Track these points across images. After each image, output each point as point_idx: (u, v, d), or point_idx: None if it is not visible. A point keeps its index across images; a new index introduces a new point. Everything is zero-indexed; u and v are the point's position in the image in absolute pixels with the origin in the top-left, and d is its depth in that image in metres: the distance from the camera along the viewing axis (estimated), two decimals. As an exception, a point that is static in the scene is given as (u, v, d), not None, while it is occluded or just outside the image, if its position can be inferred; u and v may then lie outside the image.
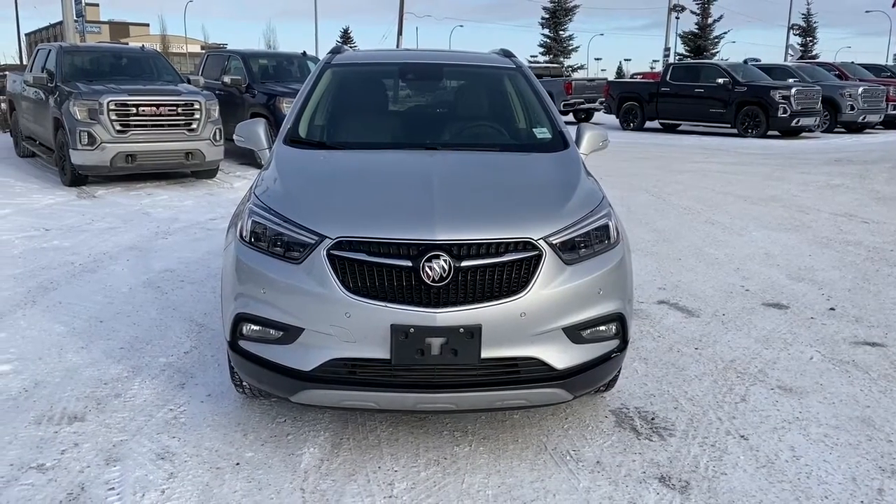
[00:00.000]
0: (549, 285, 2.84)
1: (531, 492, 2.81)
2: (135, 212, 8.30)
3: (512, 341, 2.81)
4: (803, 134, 19.13)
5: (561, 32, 41.08)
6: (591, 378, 3.04)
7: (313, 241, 2.84)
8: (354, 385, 2.83)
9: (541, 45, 41.43)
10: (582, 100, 23.55)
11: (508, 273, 2.81)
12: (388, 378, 2.81)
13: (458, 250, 2.77)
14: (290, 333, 2.86)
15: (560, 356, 2.89)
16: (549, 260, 2.86)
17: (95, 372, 3.83)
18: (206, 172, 10.48)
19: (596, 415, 3.45)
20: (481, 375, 2.83)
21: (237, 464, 2.97)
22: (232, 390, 3.53)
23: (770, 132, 18.34)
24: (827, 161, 13.82)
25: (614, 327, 3.08)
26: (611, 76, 57.09)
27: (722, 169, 12.73)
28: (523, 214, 2.99)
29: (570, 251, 2.95)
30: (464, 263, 2.76)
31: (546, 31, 41.37)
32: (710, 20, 37.90)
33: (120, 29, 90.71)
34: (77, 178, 9.69)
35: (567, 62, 41.75)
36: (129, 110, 9.44)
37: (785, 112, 17.78)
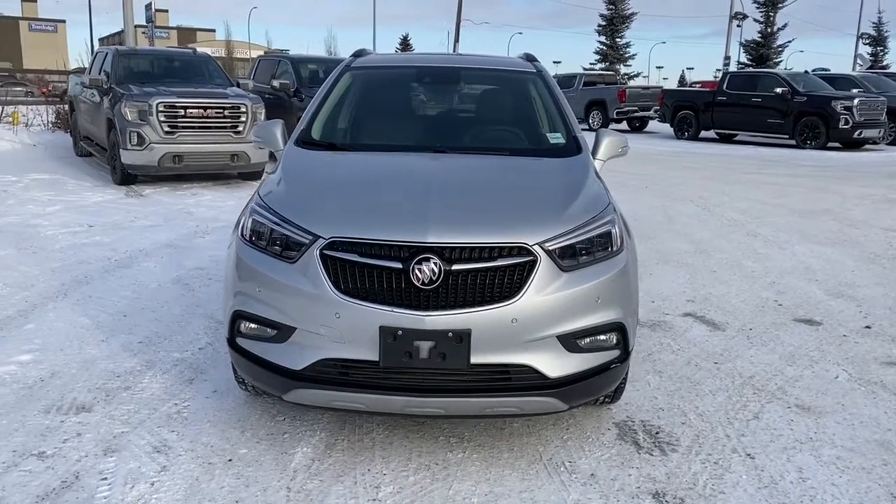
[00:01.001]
0: (544, 292, 2.79)
1: (518, 502, 2.76)
2: (177, 211, 8.50)
3: (503, 347, 2.77)
4: (867, 146, 18.47)
5: (618, 40, 40.59)
6: (588, 388, 2.96)
7: (307, 241, 2.85)
8: (344, 386, 2.82)
9: (597, 53, 41.05)
10: (636, 108, 23.25)
11: (501, 278, 2.76)
12: (377, 380, 2.79)
13: (449, 253, 2.74)
14: (283, 332, 2.88)
15: (554, 364, 2.83)
16: (544, 266, 2.80)
17: (110, 365, 3.92)
18: (251, 174, 10.67)
19: (599, 427, 3.36)
20: (471, 381, 2.80)
21: (230, 460, 3.00)
22: (237, 387, 3.56)
23: (830, 144, 17.76)
24: (889, 174, 13.31)
25: (614, 337, 3.00)
26: (673, 85, 56.16)
27: (775, 180, 12.37)
28: (520, 219, 2.94)
29: (569, 258, 2.89)
30: (455, 267, 2.73)
31: (602, 39, 41.00)
32: (773, 29, 36.96)
33: (187, 34, 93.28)
34: (127, 177, 9.98)
35: (624, 69, 41.33)
36: (177, 112, 9.69)
37: (846, 123, 17.20)
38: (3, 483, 2.78)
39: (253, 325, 2.99)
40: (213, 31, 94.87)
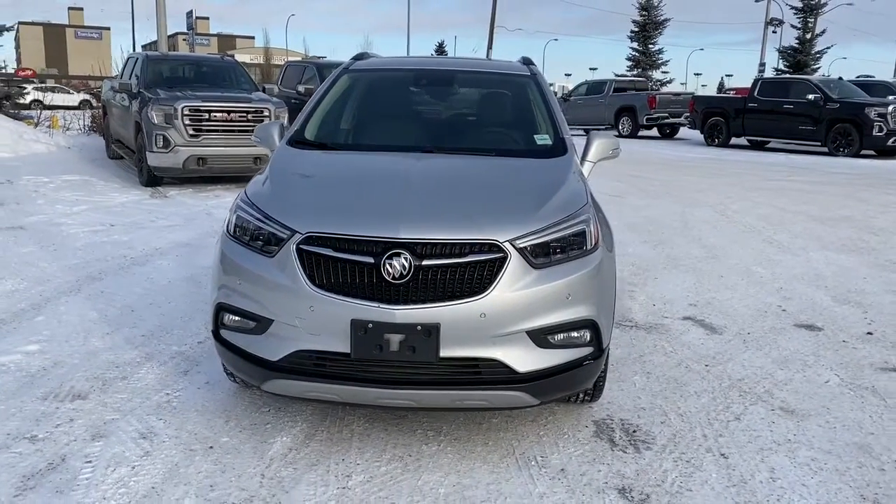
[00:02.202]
0: (513, 288, 2.84)
1: (484, 493, 2.81)
2: (199, 212, 8.70)
3: (472, 342, 2.83)
4: (901, 154, 18.10)
5: (650, 46, 40.30)
6: (559, 384, 3.01)
7: (286, 236, 2.94)
8: (318, 377, 2.91)
9: (629, 59, 40.78)
10: (666, 114, 23.09)
11: (471, 274, 2.82)
12: (350, 372, 2.87)
13: (421, 249, 2.81)
14: (262, 324, 2.98)
15: (523, 359, 2.88)
16: (514, 262, 2.86)
17: (111, 356, 4.07)
18: (274, 177, 10.83)
19: (577, 424, 3.40)
20: (441, 374, 2.86)
21: (211, 447, 3.10)
22: (228, 379, 3.67)
23: (864, 151, 17.44)
24: (920, 183, 13.04)
25: (587, 334, 3.04)
26: (712, 92, 55.42)
27: (801, 187, 12.21)
28: (492, 217, 3.00)
29: (540, 255, 2.94)
30: (425, 262, 2.80)
31: (635, 45, 40.72)
32: (811, 35, 36.36)
33: (227, 41, 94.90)
34: (152, 179, 10.24)
35: (658, 76, 41.01)
36: (201, 115, 9.92)
37: (881, 130, 16.87)
38: (-7, 463, 2.92)
39: (235, 318, 3.09)
40: (253, 38, 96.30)
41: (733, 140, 20.49)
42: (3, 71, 20.28)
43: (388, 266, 2.78)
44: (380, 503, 2.73)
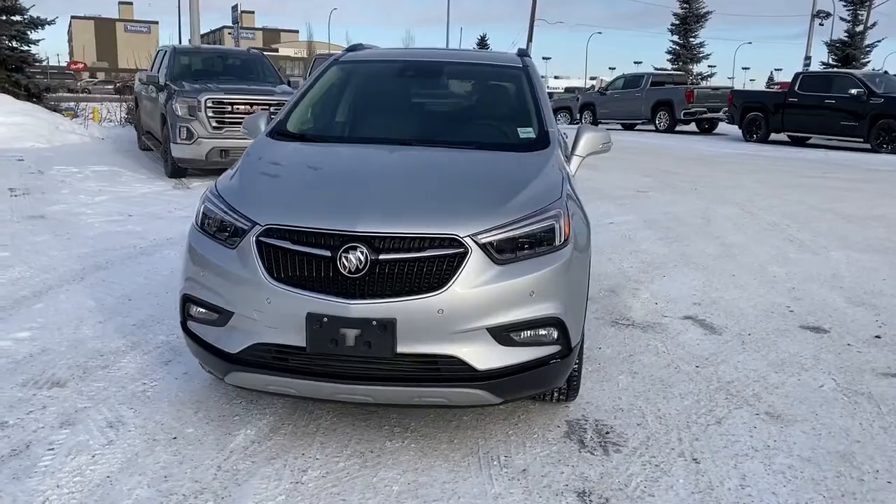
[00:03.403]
0: (473, 284, 2.78)
1: (438, 492, 2.76)
2: (216, 203, 8.77)
3: (430, 338, 2.77)
4: (950, 151, 17.45)
5: (691, 39, 39.46)
6: (523, 382, 2.94)
7: (246, 228, 2.92)
8: (276, 370, 2.89)
9: (669, 52, 39.99)
10: (704, 109, 22.63)
11: (429, 269, 2.77)
12: (307, 366, 2.84)
13: (379, 243, 2.77)
14: (223, 316, 2.96)
15: (483, 357, 2.82)
16: (475, 258, 2.79)
17: (98, 344, 4.11)
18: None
19: (549, 423, 3.32)
20: (398, 370, 2.81)
21: (174, 438, 3.10)
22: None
23: (909, 148, 16.87)
24: (963, 181, 12.54)
25: (554, 332, 2.96)
26: (761, 87, 54.18)
27: (836, 185, 11.84)
28: (454, 211, 2.93)
29: (505, 251, 2.87)
30: (381, 256, 2.75)
31: (675, 38, 39.87)
32: (862, 27, 35.18)
33: (272, 35, 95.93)
34: (176, 170, 10.37)
35: (700, 69, 40.24)
36: (224, 108, 10.01)
37: (927, 126, 16.29)
38: (-40, 448, 2.96)
39: (201, 310, 3.08)
40: (297, 31, 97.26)
41: (773, 136, 19.99)
42: (44, 63, 20.74)
43: (343, 260, 2.74)
44: (331, 499, 2.70)
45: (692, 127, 24.28)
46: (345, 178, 3.30)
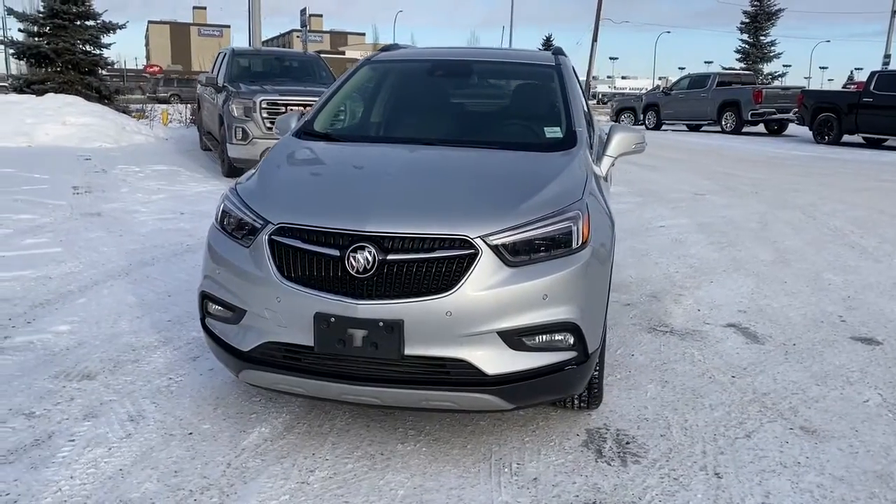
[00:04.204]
0: (483, 286, 2.71)
1: (443, 498, 2.70)
2: (268, 202, 8.90)
3: (438, 340, 2.72)
4: None
5: (762, 38, 38.15)
6: (535, 388, 2.85)
7: (259, 226, 2.93)
8: (286, 369, 2.88)
9: (738, 51, 38.75)
10: (773, 109, 21.91)
11: (438, 270, 2.72)
12: (315, 366, 2.83)
13: (388, 243, 2.73)
14: (237, 314, 2.98)
15: (493, 361, 2.75)
16: (485, 260, 2.73)
17: (132, 339, 4.20)
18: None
19: (568, 431, 3.23)
20: (406, 372, 2.77)
21: (190, 433, 3.13)
22: (229, 367, 3.70)
23: None
24: None
25: (570, 338, 2.87)
26: (839, 86, 52.05)
27: (910, 189, 11.29)
28: (466, 212, 2.87)
29: (517, 252, 2.79)
30: (390, 257, 2.71)
31: (745, 37, 38.62)
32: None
33: (339, 38, 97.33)
34: (232, 170, 10.58)
35: (772, 68, 38.98)
36: (278, 109, 10.15)
37: None
38: (-14, 436, 3.06)
39: (217, 307, 3.10)
40: (363, 34, 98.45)
41: (845, 137, 19.20)
42: (114, 66, 21.53)
43: (351, 259, 2.71)
44: (335, 501, 2.67)
45: (761, 128, 23.55)
46: (360, 177, 3.28)
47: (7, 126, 13.28)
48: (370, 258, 2.70)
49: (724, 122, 22.98)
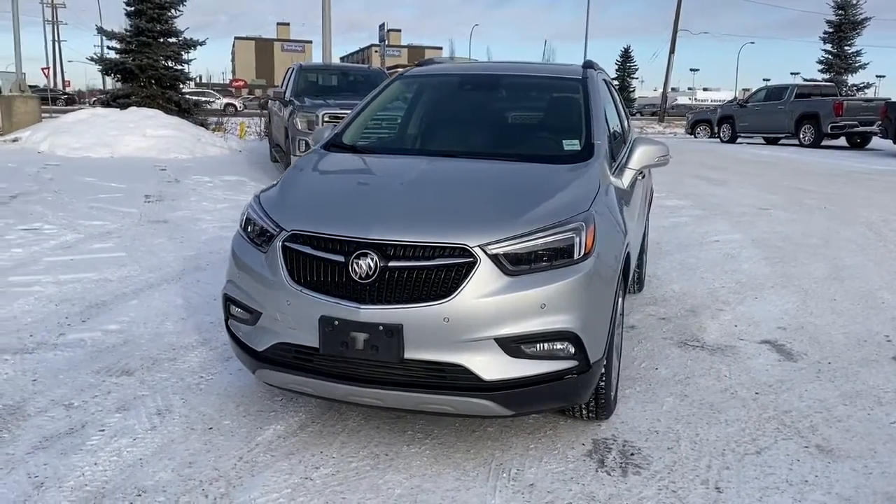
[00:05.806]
0: (481, 293, 2.79)
1: (438, 499, 2.78)
2: (325, 212, 9.18)
3: (436, 345, 2.81)
4: None
5: (846, 48, 36.69)
6: (535, 396, 2.91)
7: (275, 233, 3.09)
8: (296, 370, 3.02)
9: (820, 62, 37.36)
10: (855, 122, 21.06)
11: (437, 277, 2.81)
12: (323, 367, 2.96)
13: (389, 250, 2.84)
14: (253, 316, 3.14)
15: (490, 367, 2.82)
16: (484, 268, 2.81)
17: (174, 339, 4.44)
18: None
19: (574, 440, 3.26)
20: (405, 375, 2.87)
21: (210, 428, 3.31)
22: (257, 368, 3.87)
23: None
24: None
25: (570, 347, 2.91)
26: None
27: None
28: (469, 221, 2.96)
29: (518, 262, 2.86)
30: (391, 263, 2.82)
31: (828, 47, 37.25)
32: None
33: (417, 52, 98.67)
34: (295, 181, 10.93)
35: (855, 80, 37.42)
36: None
37: None
38: (28, 424, 3.31)
39: (238, 309, 3.28)
40: (440, 48, 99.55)
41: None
42: (197, 81, 22.46)
43: (355, 265, 2.83)
44: (333, 496, 2.79)
45: (842, 142, 22.67)
46: (371, 188, 3.41)
47: (93, 138, 14.10)
48: (372, 264, 2.82)
49: (802, 135, 22.23)
